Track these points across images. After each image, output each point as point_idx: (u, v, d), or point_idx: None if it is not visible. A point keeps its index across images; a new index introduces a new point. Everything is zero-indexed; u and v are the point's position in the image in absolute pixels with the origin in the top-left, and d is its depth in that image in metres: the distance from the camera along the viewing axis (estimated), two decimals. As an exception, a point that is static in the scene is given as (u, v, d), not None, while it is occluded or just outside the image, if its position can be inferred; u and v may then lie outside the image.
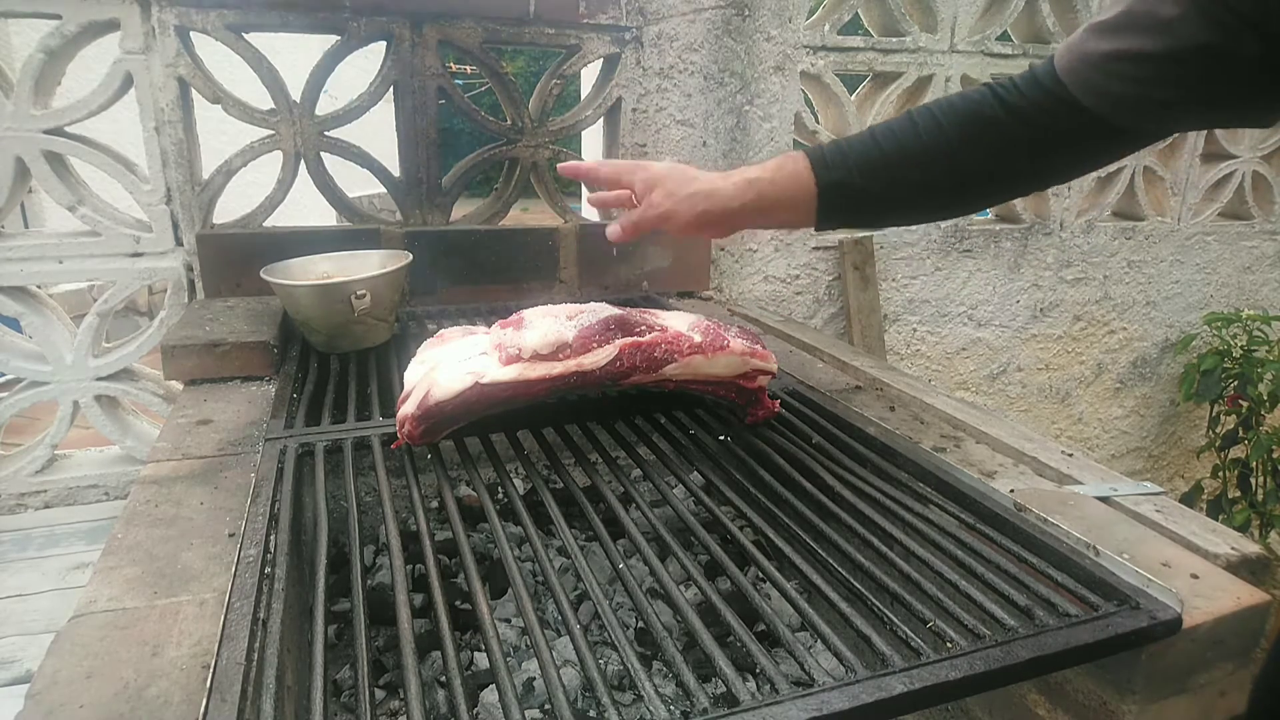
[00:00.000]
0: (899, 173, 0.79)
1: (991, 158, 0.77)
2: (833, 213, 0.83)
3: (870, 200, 0.83)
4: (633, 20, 1.56)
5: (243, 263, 1.35)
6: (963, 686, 0.55)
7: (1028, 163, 0.77)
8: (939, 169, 0.78)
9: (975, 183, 0.81)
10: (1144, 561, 0.68)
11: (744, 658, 0.62)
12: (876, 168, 0.80)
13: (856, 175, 0.80)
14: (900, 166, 0.79)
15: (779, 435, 0.94)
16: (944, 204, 0.86)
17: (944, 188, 0.81)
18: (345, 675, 0.93)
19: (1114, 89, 0.69)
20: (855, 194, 0.81)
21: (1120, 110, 0.70)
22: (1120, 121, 0.71)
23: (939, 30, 1.82)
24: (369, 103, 1.46)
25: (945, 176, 0.79)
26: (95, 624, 0.58)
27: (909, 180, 0.80)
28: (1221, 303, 2.34)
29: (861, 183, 0.80)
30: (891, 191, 0.81)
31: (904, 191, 0.82)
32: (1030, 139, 0.75)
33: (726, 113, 1.70)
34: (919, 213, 0.91)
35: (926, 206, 0.86)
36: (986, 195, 0.86)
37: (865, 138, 0.81)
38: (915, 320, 2.02)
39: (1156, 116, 0.71)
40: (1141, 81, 0.67)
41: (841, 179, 0.80)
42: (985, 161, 0.78)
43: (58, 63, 1.34)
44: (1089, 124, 0.72)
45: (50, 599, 1.16)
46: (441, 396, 0.80)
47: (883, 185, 0.80)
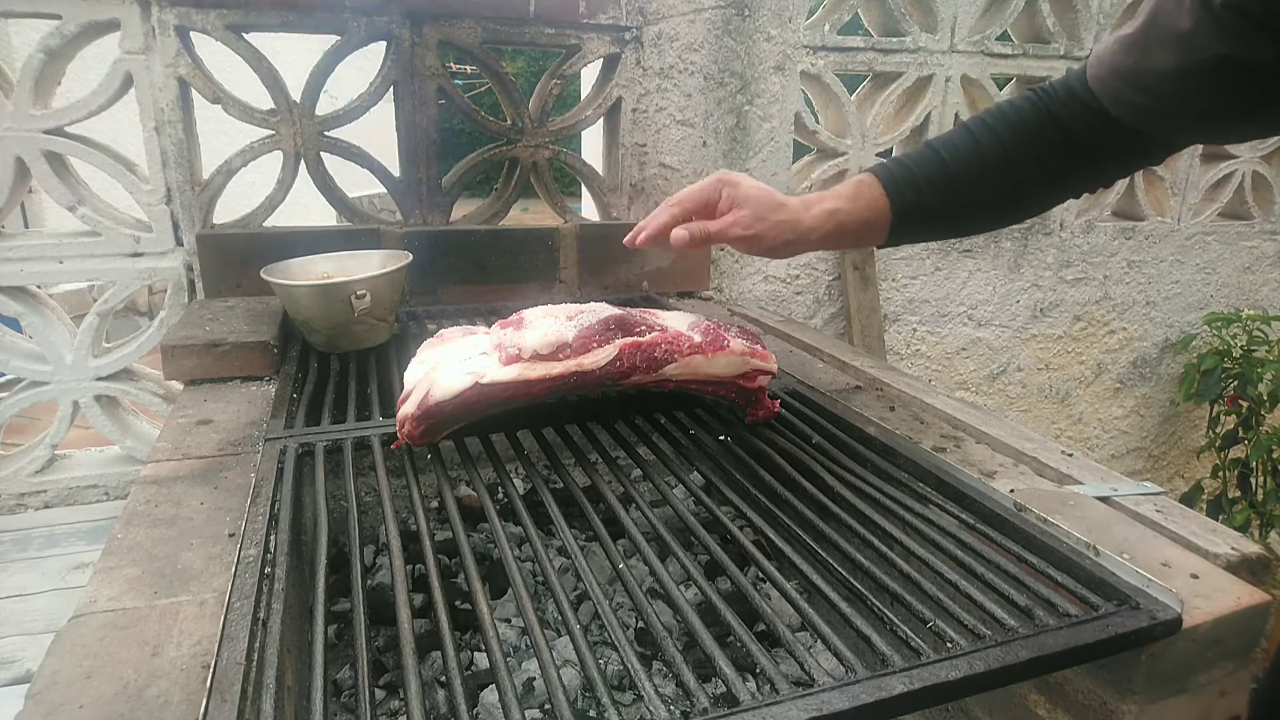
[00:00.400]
0: (966, 188, 0.81)
1: (1044, 165, 0.79)
2: (903, 233, 0.84)
3: (939, 217, 0.84)
4: (633, 20, 1.56)
5: (243, 263, 1.35)
6: (963, 686, 0.55)
7: (1074, 168, 0.79)
8: (1002, 180, 0.80)
9: (1032, 190, 0.82)
10: (1144, 561, 0.68)
11: (744, 658, 0.62)
12: (945, 185, 0.81)
13: (928, 194, 0.81)
14: (967, 182, 0.80)
15: (779, 435, 0.94)
16: (1004, 213, 0.87)
17: (1005, 197, 0.82)
18: (345, 675, 0.93)
19: (1139, 101, 0.70)
20: (927, 213, 0.82)
21: (1147, 121, 0.72)
22: (1149, 132, 0.73)
23: (939, 30, 1.82)
24: (369, 103, 1.46)
25: (1008, 186, 0.81)
26: (95, 624, 0.58)
27: (977, 194, 0.81)
28: (1221, 303, 2.34)
29: (933, 201, 0.81)
30: (960, 207, 0.83)
31: (971, 206, 0.83)
32: (1074, 145, 0.77)
33: (726, 113, 1.70)
34: (982, 224, 0.91)
35: (989, 217, 0.87)
36: (1041, 201, 0.87)
37: (929, 155, 0.81)
38: (915, 320, 2.02)
39: (1181, 127, 0.73)
40: (1164, 95, 0.68)
41: (915, 200, 0.81)
42: (1039, 169, 0.79)
43: (58, 63, 1.34)
44: (1121, 133, 0.74)
45: (50, 599, 1.16)
46: (441, 396, 0.80)
47: (952, 202, 0.82)
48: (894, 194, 0.81)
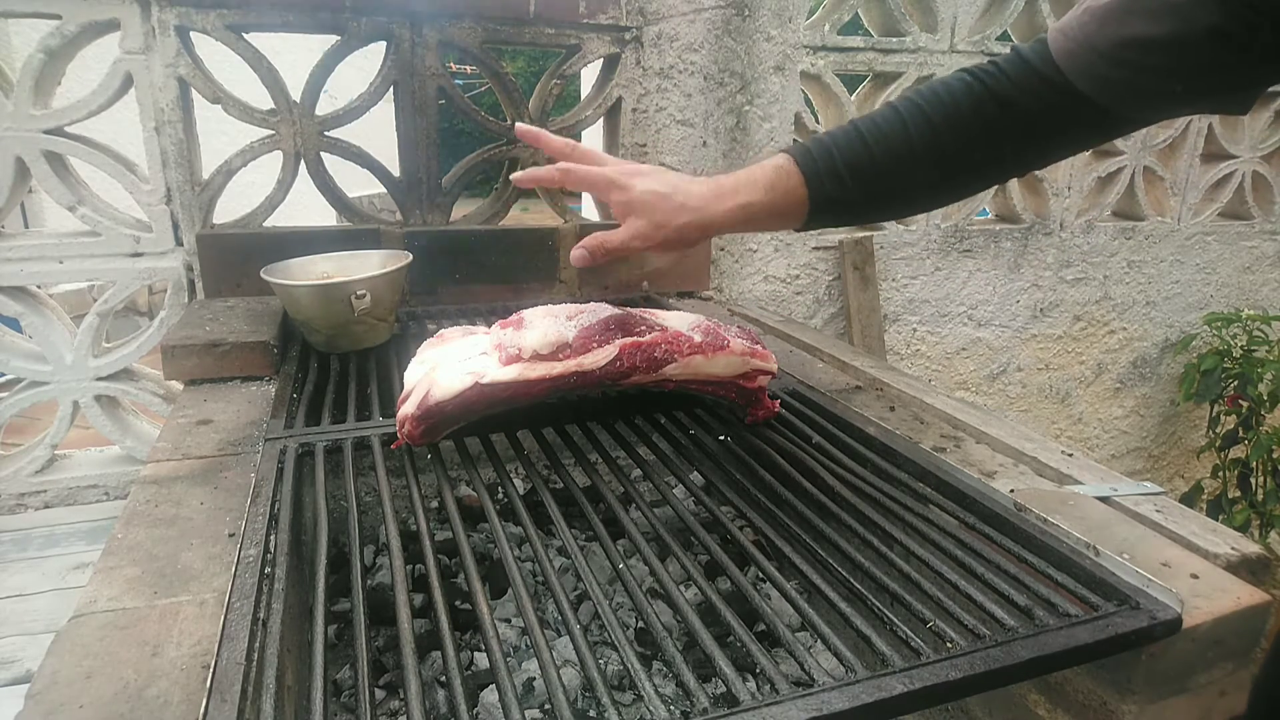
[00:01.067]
0: (892, 178, 0.77)
1: (980, 149, 0.75)
2: (819, 220, 0.80)
3: (860, 205, 0.80)
4: (633, 20, 1.56)
5: (243, 263, 1.35)
6: (963, 686, 0.55)
7: (1015, 151, 0.75)
8: (931, 167, 0.76)
9: (964, 175, 0.78)
10: (1144, 561, 0.68)
11: (744, 658, 0.62)
12: (869, 174, 0.77)
13: (849, 184, 0.76)
14: (892, 171, 0.76)
15: (779, 435, 0.94)
16: (931, 199, 0.85)
17: (934, 183, 0.79)
18: (345, 675, 0.93)
19: (1116, 75, 0.66)
20: (845, 203, 0.78)
21: (1120, 98, 0.68)
22: (1117, 108, 0.69)
23: (939, 30, 1.82)
24: (369, 103, 1.46)
25: (936, 173, 0.77)
26: (95, 624, 0.58)
27: (902, 183, 0.78)
28: (1221, 303, 2.34)
29: (854, 191, 0.77)
30: (880, 196, 0.79)
31: (896, 194, 0.80)
32: (1019, 127, 0.73)
33: (726, 113, 1.69)
34: (905, 210, 0.89)
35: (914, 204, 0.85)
36: (974, 185, 0.83)
37: (853, 138, 0.77)
38: (915, 320, 2.02)
39: (1155, 104, 0.70)
40: (1146, 70, 0.64)
41: (834, 192, 0.77)
42: (974, 154, 0.75)
43: (58, 63, 1.34)
44: (1082, 110, 0.70)
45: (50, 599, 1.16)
46: (441, 396, 0.80)
47: (874, 192, 0.78)
48: (813, 184, 0.77)
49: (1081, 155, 2.06)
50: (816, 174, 0.77)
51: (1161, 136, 2.10)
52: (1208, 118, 2.12)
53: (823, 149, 0.77)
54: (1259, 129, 2.20)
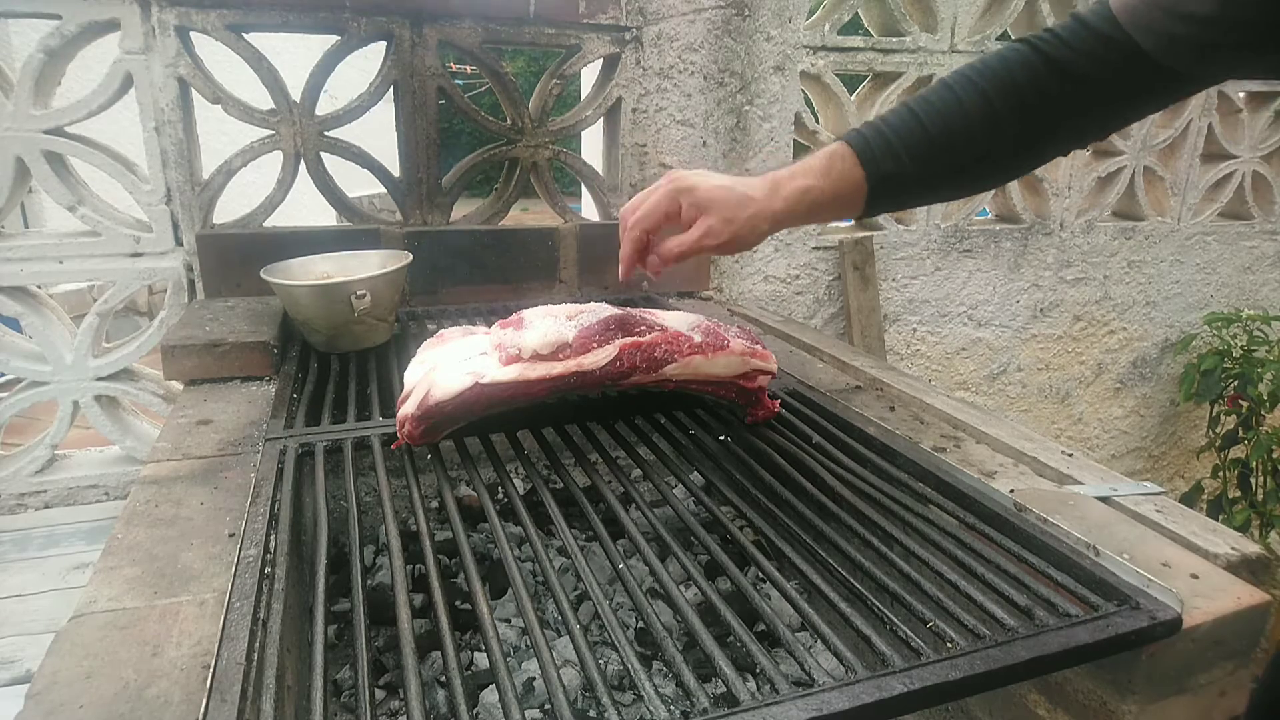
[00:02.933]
0: (950, 153, 0.75)
1: (1037, 119, 0.73)
2: (880, 203, 0.80)
3: (921, 184, 0.79)
4: (633, 20, 1.56)
5: (243, 263, 1.35)
6: (963, 686, 0.55)
7: (1075, 120, 0.73)
8: (990, 141, 0.74)
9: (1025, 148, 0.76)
10: (1144, 561, 0.68)
11: (744, 658, 0.62)
12: (926, 151, 0.75)
13: (907, 163, 0.75)
14: (950, 146, 0.75)
15: (779, 435, 0.94)
16: (988, 175, 0.82)
17: (995, 158, 0.77)
18: (345, 675, 0.93)
19: (1178, 31, 0.64)
20: (906, 182, 0.77)
21: (1184, 55, 0.66)
22: (1182, 66, 0.67)
23: (939, 30, 1.82)
24: (369, 103, 1.46)
25: (996, 147, 0.75)
26: (95, 624, 0.58)
27: (961, 159, 0.76)
28: (1221, 303, 2.34)
29: (913, 169, 0.76)
30: (943, 173, 0.78)
31: (956, 170, 0.78)
32: (1079, 94, 0.71)
33: (726, 113, 1.69)
34: (965, 188, 0.86)
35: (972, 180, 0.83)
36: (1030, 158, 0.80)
37: (907, 118, 0.76)
38: (915, 320, 2.02)
39: (1222, 61, 0.67)
40: (1209, 22, 0.62)
41: (893, 171, 0.76)
42: (1035, 125, 0.74)
43: (58, 63, 1.34)
44: (1145, 70, 0.68)
45: (50, 599, 1.16)
46: (441, 396, 0.80)
47: (934, 168, 0.76)
48: (870, 166, 0.76)
49: (1081, 155, 2.06)
50: (871, 154, 0.76)
51: (1161, 136, 2.10)
52: (1208, 116, 2.12)
53: (875, 130, 0.77)
54: (1259, 129, 2.20)
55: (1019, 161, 0.79)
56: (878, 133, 0.77)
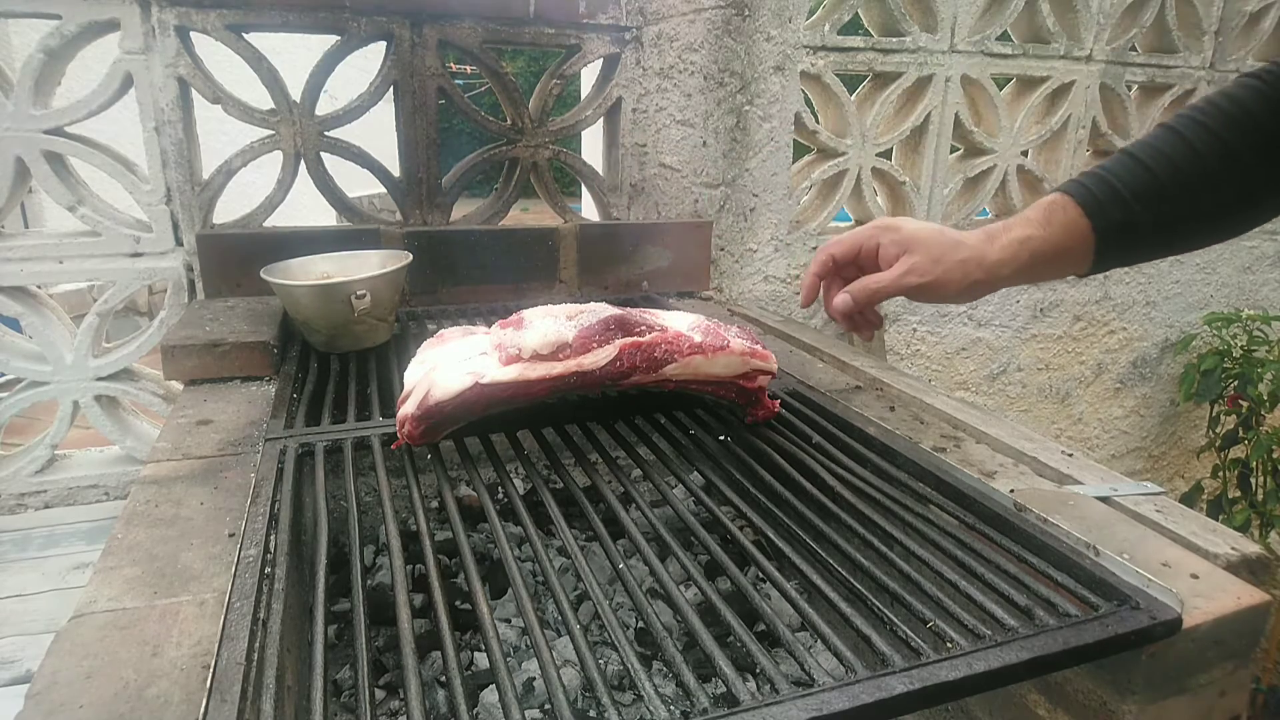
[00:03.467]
0: (1184, 199, 0.70)
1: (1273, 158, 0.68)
2: (1110, 257, 0.73)
3: (1153, 235, 0.72)
4: (633, 20, 1.56)
5: (243, 263, 1.35)
6: (963, 686, 0.55)
7: None
8: (1230, 186, 0.69)
9: (1269, 192, 0.70)
10: (1144, 561, 0.68)
11: (744, 658, 0.62)
12: (1156, 197, 0.69)
13: (1137, 210, 0.70)
14: (1183, 191, 0.69)
15: (779, 435, 0.94)
16: (1235, 222, 0.74)
17: (1234, 203, 0.71)
18: (345, 675, 0.93)
19: None
20: (1137, 232, 0.71)
21: None
22: None
23: (939, 30, 1.82)
24: (369, 103, 1.46)
25: (1236, 189, 0.70)
26: (95, 624, 0.58)
27: (1198, 204, 0.70)
28: (1221, 303, 2.34)
29: (1144, 217, 0.70)
30: (1179, 221, 0.71)
31: (1193, 218, 0.72)
32: None
33: (726, 113, 1.69)
34: (1208, 237, 0.77)
35: (1216, 229, 0.75)
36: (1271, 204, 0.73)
37: (1130, 164, 0.71)
38: (915, 320, 2.02)
39: None
40: None
41: (1122, 220, 0.70)
42: (1273, 163, 0.68)
43: (58, 63, 1.34)
44: None
45: (50, 599, 1.16)
46: (441, 396, 0.80)
47: (1168, 216, 0.70)
48: (1095, 213, 0.71)
49: (1082, 154, 2.06)
50: (1096, 202, 0.71)
51: (1161, 136, 2.10)
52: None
53: (1096, 178, 0.72)
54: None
55: (1267, 207, 0.72)
56: (1099, 181, 0.72)
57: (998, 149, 1.96)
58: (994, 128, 1.96)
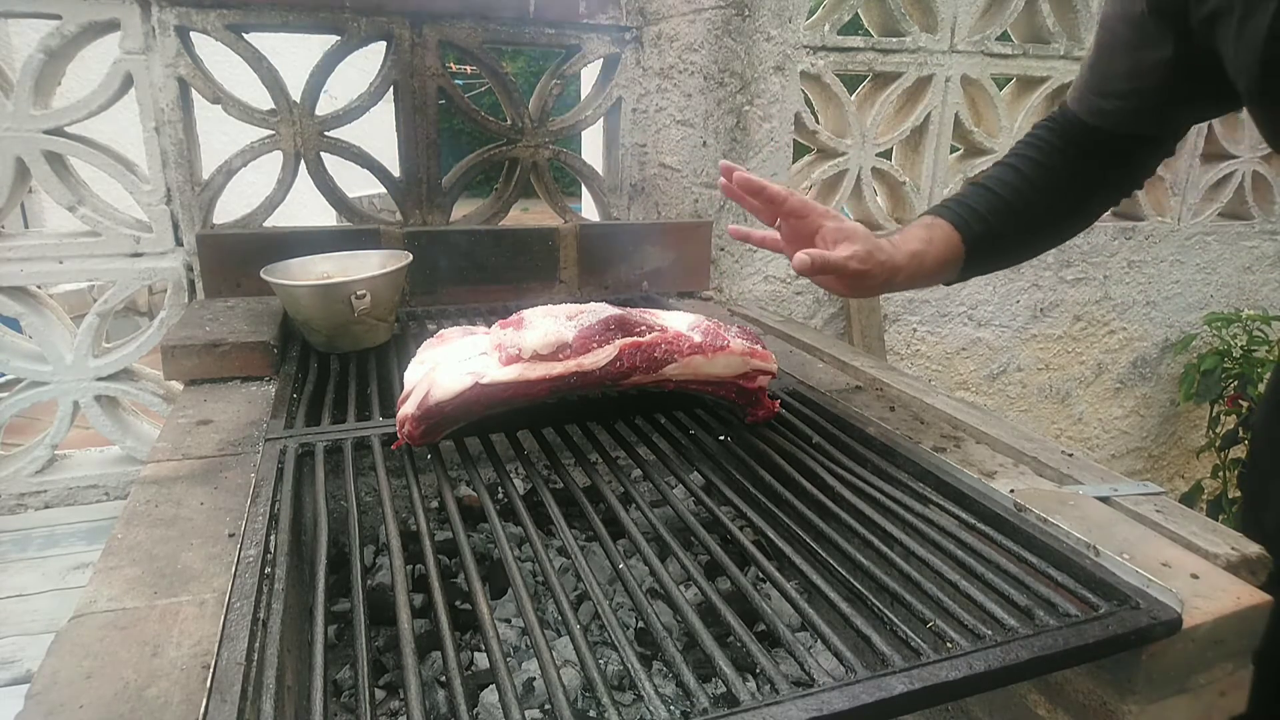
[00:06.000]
0: (1026, 212, 0.87)
1: (1078, 180, 0.88)
2: (975, 265, 0.88)
3: (1008, 242, 0.89)
4: (633, 20, 1.56)
5: (243, 263, 1.35)
6: (963, 686, 0.55)
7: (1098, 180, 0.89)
8: (1053, 199, 0.88)
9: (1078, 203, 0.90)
10: (1144, 561, 0.68)
11: (744, 658, 0.62)
12: (1006, 212, 0.86)
13: (994, 223, 0.86)
14: (1024, 207, 0.87)
15: (779, 435, 0.94)
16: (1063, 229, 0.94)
17: (1061, 213, 0.90)
18: (345, 675, 0.93)
19: (1108, 106, 0.84)
20: (996, 242, 0.87)
21: (1122, 122, 0.84)
22: (1127, 131, 0.84)
23: (939, 30, 1.82)
24: (369, 103, 1.46)
25: (1059, 204, 0.88)
26: (95, 624, 0.58)
27: (1036, 216, 0.88)
28: (1221, 303, 2.34)
29: (1000, 228, 0.86)
30: (1025, 230, 0.89)
31: (1034, 226, 0.89)
32: (1089, 160, 0.87)
33: (726, 113, 1.69)
34: (1047, 242, 0.97)
35: (1051, 235, 0.94)
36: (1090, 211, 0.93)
37: (980, 191, 0.88)
38: (915, 320, 2.02)
39: (1150, 121, 0.84)
40: (1125, 95, 0.82)
41: (984, 231, 0.86)
42: (1075, 183, 0.88)
43: (58, 63, 1.34)
44: (1106, 142, 0.86)
45: (50, 599, 1.16)
46: (441, 397, 0.80)
47: (1017, 226, 0.88)
48: (964, 228, 0.86)
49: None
50: (963, 220, 0.86)
51: (1161, 136, 2.10)
52: (1208, 117, 2.12)
53: (956, 202, 0.88)
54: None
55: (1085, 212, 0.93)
56: (960, 204, 0.88)
57: (998, 149, 1.96)
58: (994, 128, 1.96)
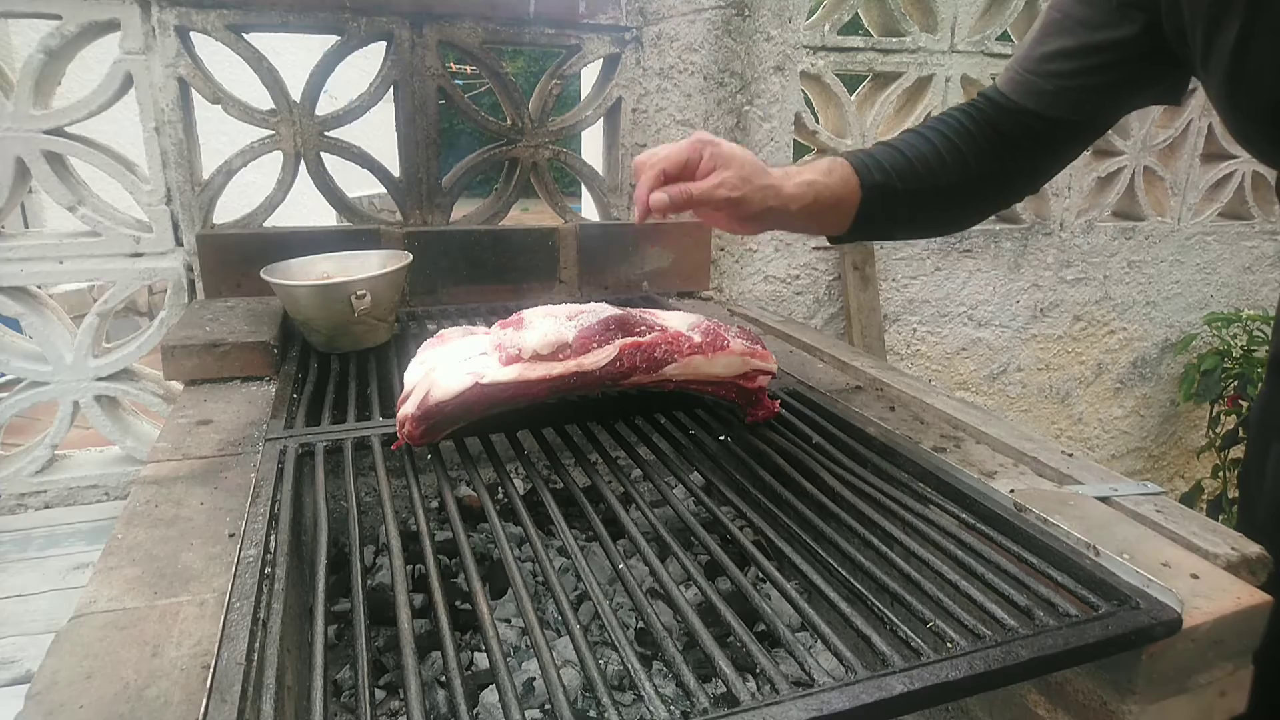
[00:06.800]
0: (927, 178, 0.86)
1: (986, 161, 0.87)
2: (869, 218, 0.87)
3: (902, 205, 0.87)
4: (633, 20, 1.56)
5: (243, 263, 1.35)
6: (963, 686, 0.55)
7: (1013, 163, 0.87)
8: (956, 174, 0.86)
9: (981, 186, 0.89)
10: (1144, 561, 0.68)
11: (744, 658, 0.62)
12: (908, 173, 0.85)
13: (894, 179, 0.85)
14: (926, 172, 0.86)
15: (779, 435, 0.94)
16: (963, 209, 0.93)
17: (961, 190, 0.88)
18: (345, 675, 0.93)
19: (1047, 86, 0.82)
20: (892, 197, 0.86)
21: (1055, 104, 0.83)
22: (1060, 115, 0.83)
23: (939, 30, 1.82)
24: (369, 103, 1.46)
25: (961, 181, 0.87)
26: (95, 624, 0.58)
27: (936, 185, 0.86)
28: (1221, 303, 2.34)
29: (899, 187, 0.85)
30: (923, 196, 0.87)
31: (934, 196, 0.87)
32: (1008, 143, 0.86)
33: (726, 113, 1.69)
34: (943, 220, 0.96)
35: (946, 212, 0.92)
36: (991, 198, 0.93)
37: (887, 149, 0.87)
38: (915, 320, 2.02)
39: (1086, 104, 0.82)
40: (1068, 74, 0.80)
41: (882, 182, 0.85)
42: (982, 164, 0.86)
43: (58, 63, 1.34)
44: (1037, 124, 0.84)
45: (50, 599, 1.16)
46: (441, 397, 0.80)
47: (916, 190, 0.86)
48: (864, 175, 0.85)
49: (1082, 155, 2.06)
50: (865, 167, 0.86)
51: (1161, 136, 2.10)
52: (1208, 116, 2.12)
53: (863, 153, 0.87)
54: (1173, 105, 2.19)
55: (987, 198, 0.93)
56: (866, 154, 0.87)
57: (998, 149, 1.96)
58: (994, 128, 1.95)
